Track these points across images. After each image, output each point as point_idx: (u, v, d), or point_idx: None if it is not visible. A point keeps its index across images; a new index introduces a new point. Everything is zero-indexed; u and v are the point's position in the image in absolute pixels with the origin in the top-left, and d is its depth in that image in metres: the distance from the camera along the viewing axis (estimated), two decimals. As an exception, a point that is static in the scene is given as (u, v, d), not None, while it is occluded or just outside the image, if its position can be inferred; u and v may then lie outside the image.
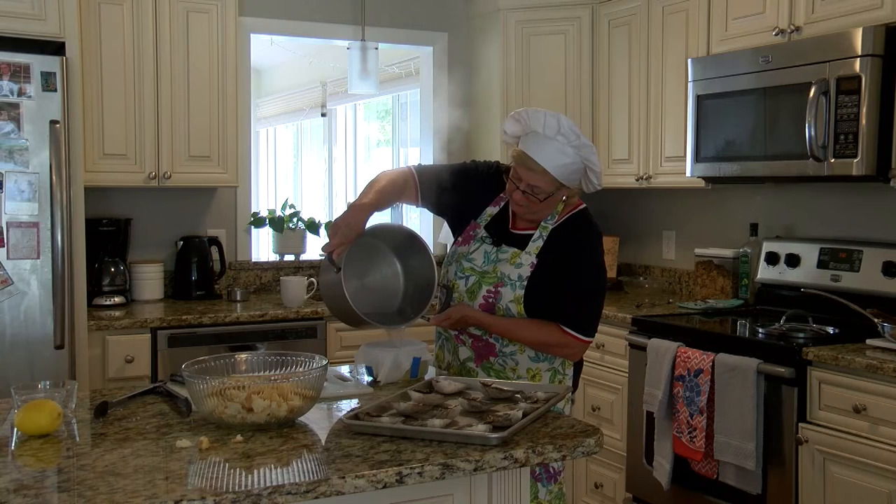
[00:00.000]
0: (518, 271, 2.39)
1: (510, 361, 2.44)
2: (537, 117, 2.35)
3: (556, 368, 2.45)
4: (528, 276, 2.38)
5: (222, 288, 4.31)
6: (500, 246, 2.45)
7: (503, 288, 2.39)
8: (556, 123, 2.32)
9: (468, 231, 2.52)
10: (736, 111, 3.46)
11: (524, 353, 2.43)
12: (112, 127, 3.80)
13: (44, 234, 3.28)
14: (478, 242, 2.48)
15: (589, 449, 1.87)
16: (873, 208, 3.46)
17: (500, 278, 2.40)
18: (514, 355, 2.43)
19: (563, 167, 2.33)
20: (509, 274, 2.40)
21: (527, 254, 2.40)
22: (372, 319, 2.33)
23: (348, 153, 7.35)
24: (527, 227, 2.46)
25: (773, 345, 3.00)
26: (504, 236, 2.47)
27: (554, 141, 2.32)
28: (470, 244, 2.49)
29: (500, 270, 2.41)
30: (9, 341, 3.26)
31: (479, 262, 2.45)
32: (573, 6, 4.42)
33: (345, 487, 1.62)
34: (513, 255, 2.41)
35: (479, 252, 2.47)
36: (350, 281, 2.34)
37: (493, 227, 2.49)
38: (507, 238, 2.46)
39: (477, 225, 2.51)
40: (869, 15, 3.01)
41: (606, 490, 3.81)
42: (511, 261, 2.41)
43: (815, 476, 2.82)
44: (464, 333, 2.47)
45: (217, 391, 1.92)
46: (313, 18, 4.59)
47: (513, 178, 2.38)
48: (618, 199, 4.73)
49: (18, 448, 1.82)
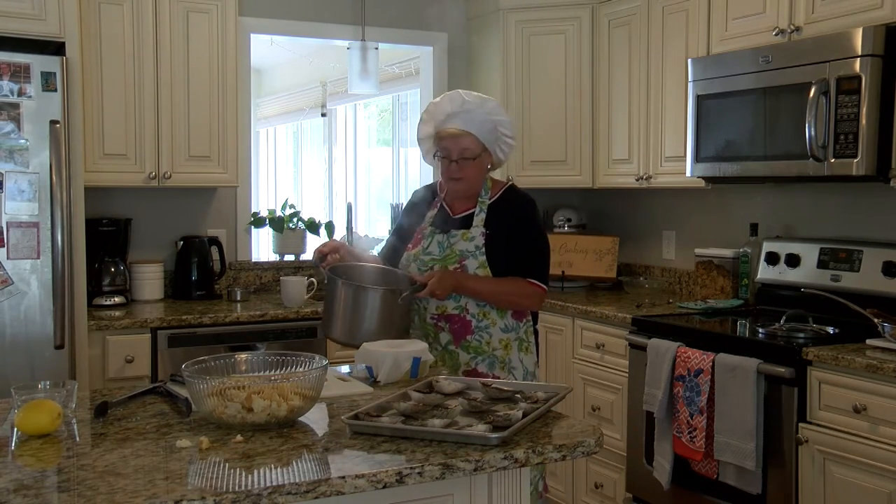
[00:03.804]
0: (473, 243, 2.74)
1: (485, 335, 2.73)
2: (439, 104, 2.76)
3: (521, 337, 2.78)
4: (483, 243, 2.73)
5: (222, 288, 4.31)
6: (448, 231, 2.78)
7: (466, 261, 2.72)
8: (458, 97, 2.75)
9: (416, 237, 2.86)
10: (736, 111, 3.46)
11: (496, 325, 2.74)
12: (112, 127, 3.80)
13: (44, 234, 3.28)
14: (428, 238, 2.81)
15: (589, 449, 1.87)
16: (873, 208, 3.46)
17: (461, 254, 2.74)
18: (488, 329, 2.73)
19: (479, 125, 2.72)
20: (466, 248, 2.74)
21: (475, 227, 2.76)
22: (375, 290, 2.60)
23: (348, 153, 7.35)
24: (466, 207, 2.81)
25: (773, 345, 3.00)
26: (448, 224, 2.80)
27: (462, 113, 2.73)
28: (421, 244, 2.81)
29: (457, 249, 2.75)
30: (9, 341, 3.26)
31: (436, 252, 2.78)
32: (573, 6, 4.41)
33: (345, 487, 1.62)
34: (463, 234, 2.76)
35: (432, 245, 2.79)
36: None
37: (437, 222, 2.83)
38: (451, 224, 2.80)
39: (422, 228, 2.85)
40: (869, 15, 3.01)
41: (606, 490, 3.81)
42: (463, 238, 2.75)
43: (815, 476, 2.82)
44: (442, 319, 2.75)
45: (217, 391, 1.92)
46: (313, 18, 4.59)
47: (443, 157, 2.73)
48: (618, 199, 4.73)
49: (18, 448, 1.82)
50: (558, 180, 4.50)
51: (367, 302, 2.63)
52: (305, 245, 4.62)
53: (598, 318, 3.83)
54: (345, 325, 2.66)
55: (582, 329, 3.94)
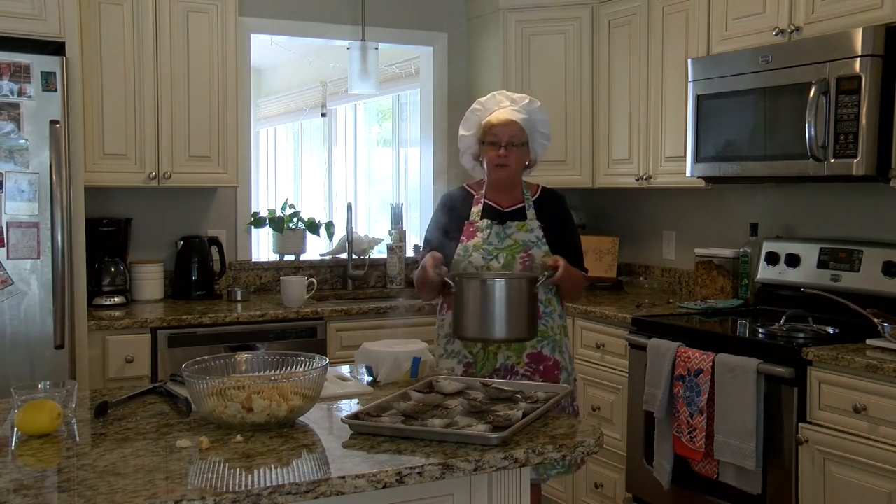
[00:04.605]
0: (533, 234, 2.89)
1: (549, 321, 2.88)
2: (485, 102, 2.95)
3: (564, 324, 2.97)
4: (542, 235, 2.89)
5: (222, 288, 4.31)
6: (505, 223, 2.90)
7: (532, 251, 2.87)
8: (503, 95, 2.95)
9: (467, 230, 2.91)
10: (736, 111, 3.46)
11: (556, 312, 2.91)
12: (112, 127, 3.80)
13: (44, 234, 3.28)
14: (485, 230, 2.89)
15: (589, 449, 1.87)
16: (873, 208, 3.46)
17: (525, 244, 2.88)
18: (552, 315, 2.89)
19: (525, 117, 2.90)
20: (528, 238, 2.88)
21: (530, 220, 2.92)
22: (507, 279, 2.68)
23: (348, 153, 7.35)
24: (511, 202, 2.95)
25: (773, 345, 3.00)
26: (502, 216, 2.92)
27: (511, 104, 2.93)
28: (477, 236, 2.89)
29: (519, 239, 2.88)
30: (9, 341, 3.26)
31: (497, 242, 2.88)
32: (573, 6, 4.41)
33: (345, 487, 1.62)
34: (520, 226, 2.90)
35: (491, 236, 2.89)
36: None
37: (487, 214, 2.93)
38: (505, 217, 2.92)
39: (472, 222, 2.92)
40: (869, 15, 3.01)
41: (606, 490, 3.81)
42: (523, 229, 2.90)
43: (815, 476, 2.82)
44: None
45: (217, 391, 1.92)
46: (313, 18, 4.59)
47: (491, 143, 2.87)
48: (618, 199, 4.73)
49: (18, 448, 1.82)
50: (558, 180, 4.48)
51: (506, 293, 2.64)
52: (305, 245, 4.62)
53: (598, 318, 3.83)
54: (499, 321, 2.66)
55: (582, 329, 3.94)
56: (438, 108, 4.88)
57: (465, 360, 2.84)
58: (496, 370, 2.82)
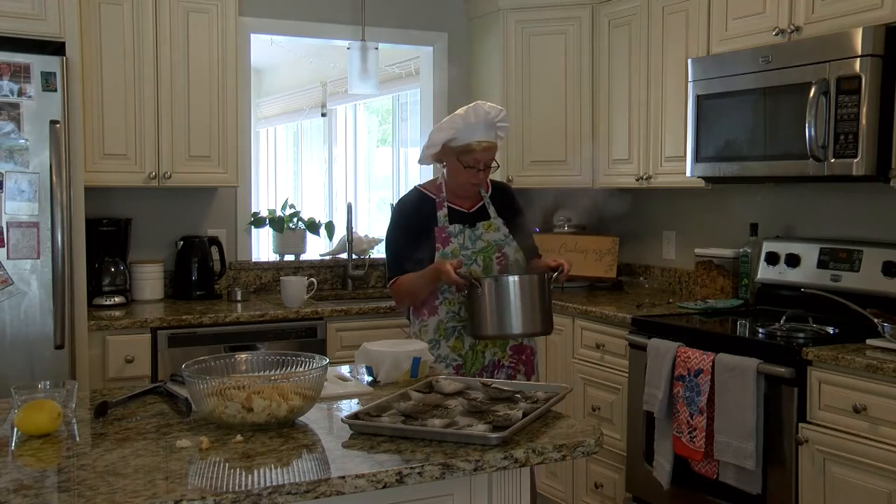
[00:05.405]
0: (500, 232, 3.02)
1: None
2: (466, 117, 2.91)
3: None
4: (508, 231, 3.02)
5: (222, 288, 4.32)
6: (474, 226, 3.00)
7: (504, 249, 3.00)
8: (481, 110, 2.92)
9: (439, 236, 2.98)
10: (736, 111, 3.46)
11: None
12: (112, 127, 3.80)
13: (44, 234, 3.28)
14: (457, 235, 2.98)
15: (589, 449, 1.87)
16: (873, 208, 3.46)
17: (497, 243, 3.00)
18: None
19: (497, 134, 2.98)
20: (497, 237, 3.01)
21: (495, 219, 3.04)
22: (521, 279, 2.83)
23: (348, 153, 7.35)
24: (471, 204, 3.06)
25: (773, 345, 3.00)
26: (468, 219, 3.02)
27: (488, 126, 2.94)
28: (451, 241, 2.98)
29: (490, 240, 3.00)
30: (9, 341, 3.26)
31: (471, 245, 2.98)
32: (573, 6, 4.41)
33: (345, 487, 1.62)
34: (486, 226, 3.02)
35: (465, 240, 2.98)
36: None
37: (455, 219, 3.01)
38: (471, 219, 3.02)
39: (443, 228, 2.99)
40: (869, 15, 3.01)
41: (606, 490, 3.81)
42: (490, 229, 3.01)
43: (815, 476, 2.82)
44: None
45: (217, 391, 1.92)
46: (313, 18, 4.59)
47: (471, 166, 2.93)
48: (618, 199, 4.73)
49: (18, 448, 1.82)
50: (558, 180, 4.50)
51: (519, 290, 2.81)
52: (305, 245, 4.62)
53: (598, 318, 3.83)
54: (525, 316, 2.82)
55: (582, 329, 3.94)
56: (438, 109, 4.88)
57: (455, 362, 2.95)
58: (484, 367, 2.96)
